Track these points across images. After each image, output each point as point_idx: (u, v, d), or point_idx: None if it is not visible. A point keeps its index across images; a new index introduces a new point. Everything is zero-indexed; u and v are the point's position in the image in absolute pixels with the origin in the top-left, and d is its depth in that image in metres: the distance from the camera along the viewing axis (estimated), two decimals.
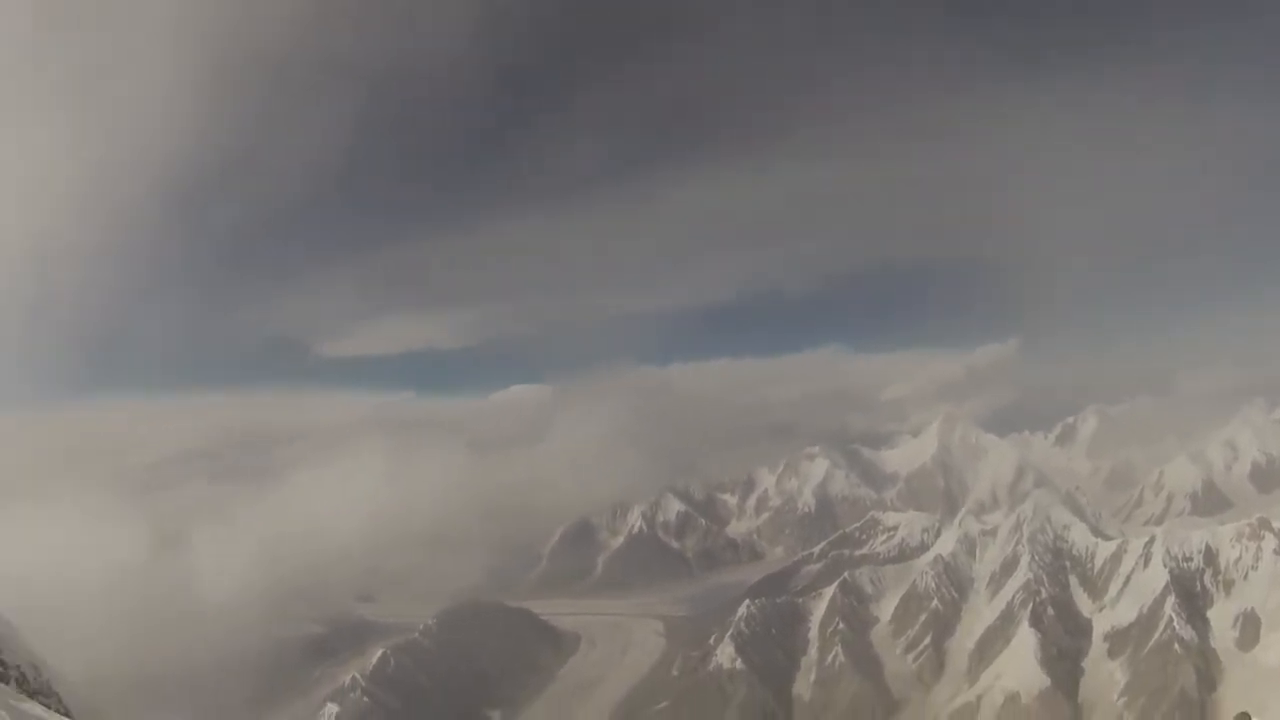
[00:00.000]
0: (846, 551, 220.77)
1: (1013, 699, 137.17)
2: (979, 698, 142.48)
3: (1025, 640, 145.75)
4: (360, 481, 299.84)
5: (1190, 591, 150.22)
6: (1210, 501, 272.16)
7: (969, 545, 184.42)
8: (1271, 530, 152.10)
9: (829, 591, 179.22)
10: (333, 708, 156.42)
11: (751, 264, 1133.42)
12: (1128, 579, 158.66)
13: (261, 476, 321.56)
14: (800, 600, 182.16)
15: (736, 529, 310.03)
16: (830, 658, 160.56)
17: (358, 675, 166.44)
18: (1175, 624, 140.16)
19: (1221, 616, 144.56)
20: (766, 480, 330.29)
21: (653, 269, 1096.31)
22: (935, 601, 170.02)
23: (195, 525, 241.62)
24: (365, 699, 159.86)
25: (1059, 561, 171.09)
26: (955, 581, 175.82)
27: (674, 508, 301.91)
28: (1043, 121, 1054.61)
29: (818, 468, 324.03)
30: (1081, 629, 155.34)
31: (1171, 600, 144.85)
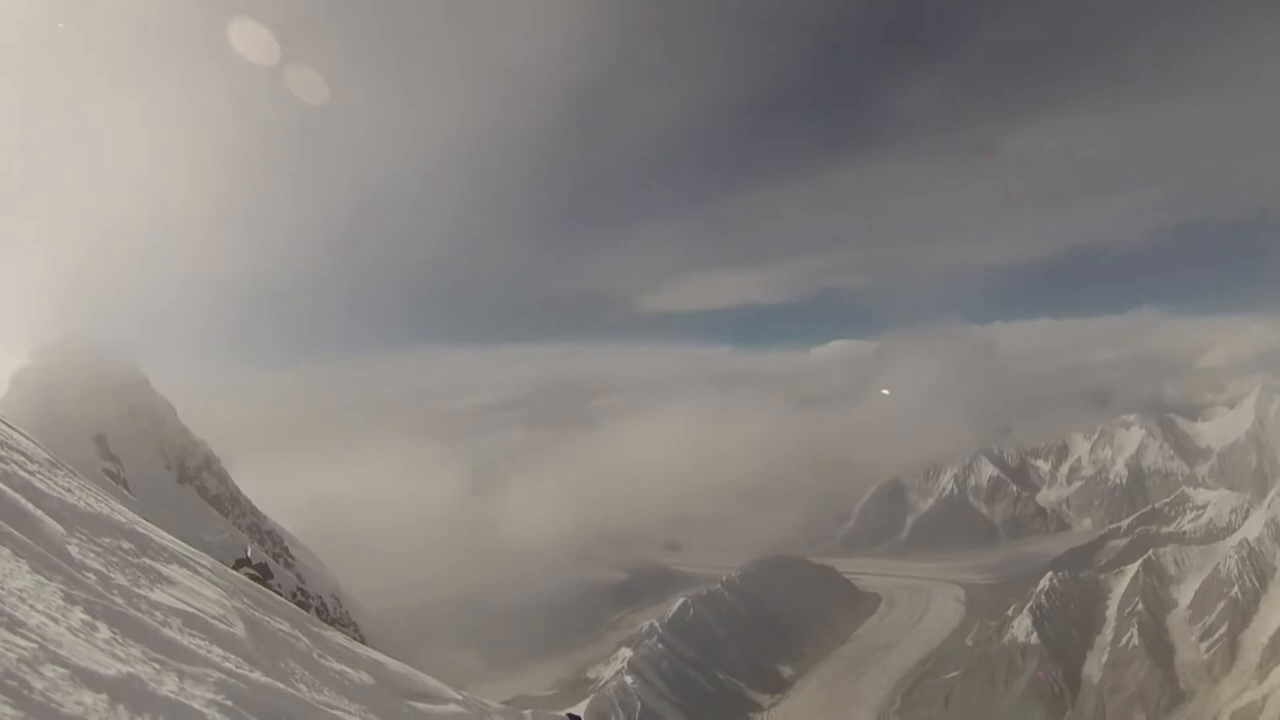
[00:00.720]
0: (1154, 528, 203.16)
1: None
2: (1264, 697, 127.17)
3: None
4: (676, 433, 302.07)
5: None
6: None
7: (1276, 531, 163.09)
8: None
9: (1132, 569, 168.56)
10: (626, 652, 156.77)
11: (1080, 217, 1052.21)
12: None
13: (578, 426, 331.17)
14: (1102, 577, 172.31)
15: (1046, 497, 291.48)
16: (1125, 639, 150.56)
17: (655, 622, 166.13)
18: None
19: None
20: (1080, 448, 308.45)
21: (981, 222, 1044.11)
22: (1235, 589, 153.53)
23: (512, 471, 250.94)
24: (660, 645, 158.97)
25: None
26: (1258, 569, 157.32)
27: (986, 472, 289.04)
28: None
29: (1132, 437, 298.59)
30: None
31: None
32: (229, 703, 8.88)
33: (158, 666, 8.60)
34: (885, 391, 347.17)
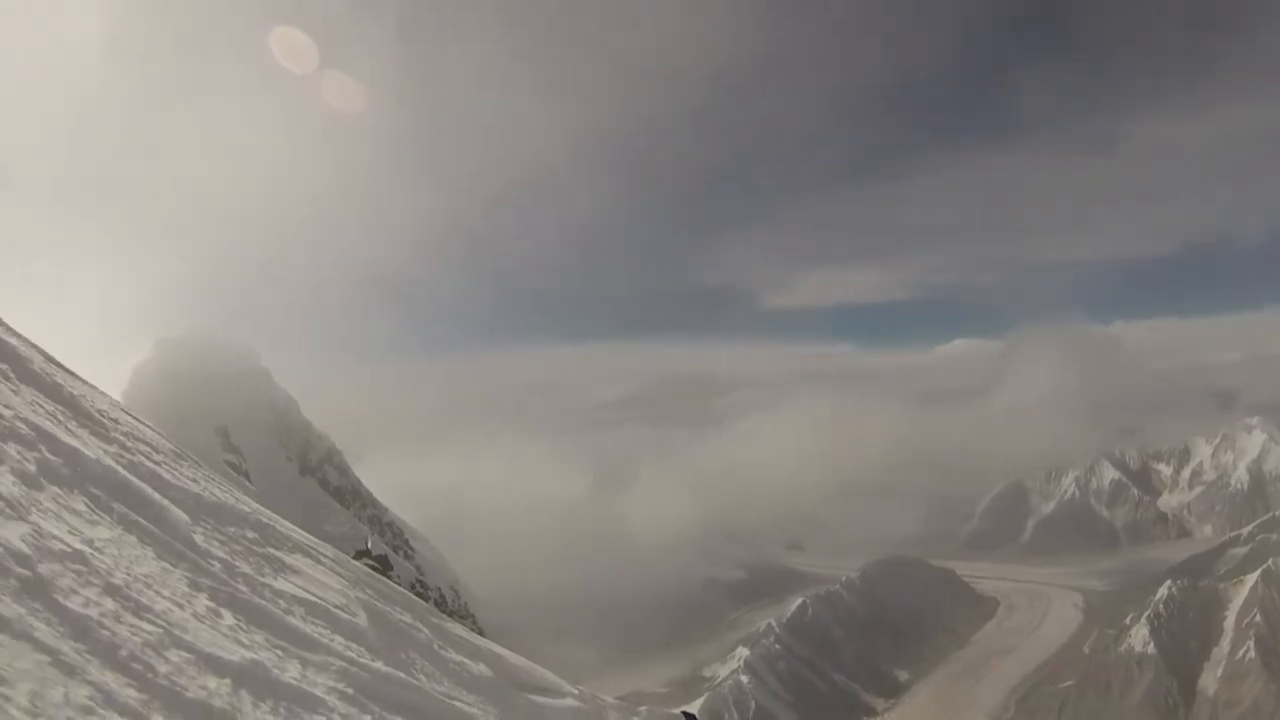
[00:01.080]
0: (1274, 536, 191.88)
1: None
2: None
3: None
4: (799, 431, 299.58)
5: None
6: None
7: None
8: None
9: (1251, 579, 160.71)
10: (743, 651, 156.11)
11: (1204, 212, 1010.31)
12: None
13: (702, 423, 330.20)
14: (1221, 586, 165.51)
15: (1168, 502, 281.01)
16: (1241, 652, 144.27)
17: (773, 622, 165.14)
18: None
19: None
20: (1202, 451, 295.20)
21: (1104, 217, 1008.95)
22: None
23: (635, 467, 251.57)
24: (777, 645, 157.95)
25: None
26: None
27: (1108, 475, 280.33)
28: None
29: (1254, 441, 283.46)
30: None
31: None
32: (350, 691, 8.94)
33: (280, 654, 8.65)
34: (1006, 391, 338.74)
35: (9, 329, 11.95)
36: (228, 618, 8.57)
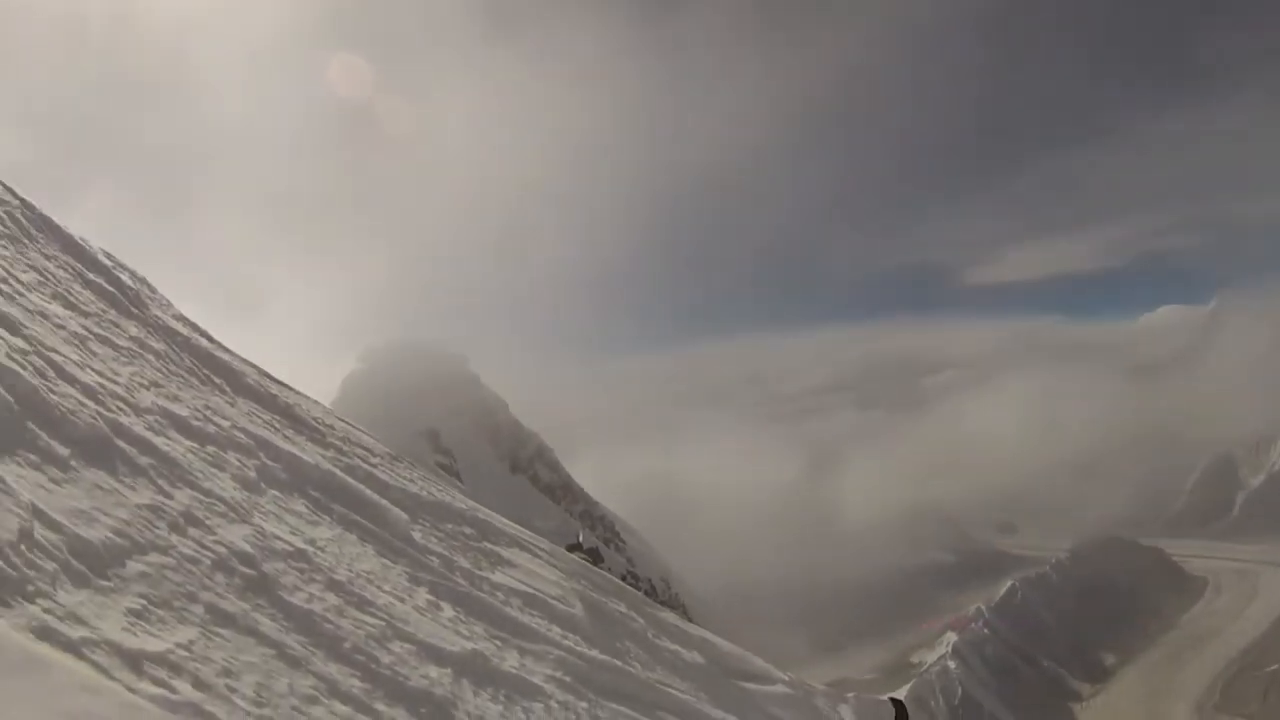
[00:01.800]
0: None
1: None
2: None
3: None
4: (1007, 409, 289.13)
5: None
6: None
7: None
8: None
9: None
10: (951, 636, 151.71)
11: None
12: None
13: (909, 405, 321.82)
14: None
15: None
16: None
17: (982, 606, 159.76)
18: None
19: None
20: None
21: None
22: None
23: (841, 452, 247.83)
24: (985, 630, 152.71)
25: None
26: None
27: None
28: None
29: None
30: None
31: None
32: (568, 679, 9.02)
33: (499, 644, 8.78)
34: (1218, 359, 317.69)
35: (222, 346, 12.44)
36: (447, 610, 8.75)
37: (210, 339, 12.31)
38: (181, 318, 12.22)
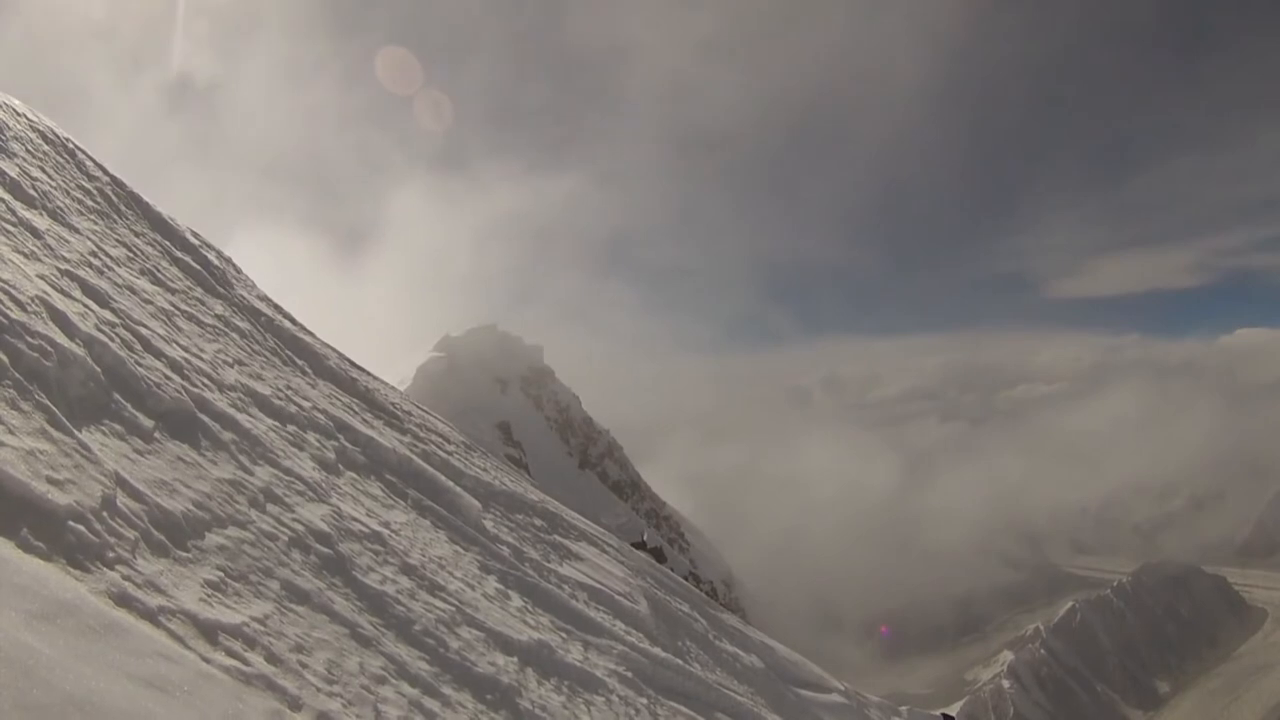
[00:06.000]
0: None
1: None
2: None
3: None
4: (1087, 426, 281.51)
5: None
6: None
7: None
8: None
9: None
10: (1008, 655, 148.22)
11: None
12: None
13: (990, 417, 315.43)
14: None
15: None
16: None
17: (1041, 626, 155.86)
18: None
19: None
20: None
21: None
22: None
23: (916, 462, 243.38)
24: (1042, 651, 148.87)
25: None
26: None
27: None
28: None
29: None
30: None
31: None
32: (629, 674, 8.88)
33: (565, 636, 8.67)
34: None
35: (304, 329, 12.49)
36: (516, 599, 8.66)
37: (293, 320, 12.41)
38: (265, 298, 12.34)
